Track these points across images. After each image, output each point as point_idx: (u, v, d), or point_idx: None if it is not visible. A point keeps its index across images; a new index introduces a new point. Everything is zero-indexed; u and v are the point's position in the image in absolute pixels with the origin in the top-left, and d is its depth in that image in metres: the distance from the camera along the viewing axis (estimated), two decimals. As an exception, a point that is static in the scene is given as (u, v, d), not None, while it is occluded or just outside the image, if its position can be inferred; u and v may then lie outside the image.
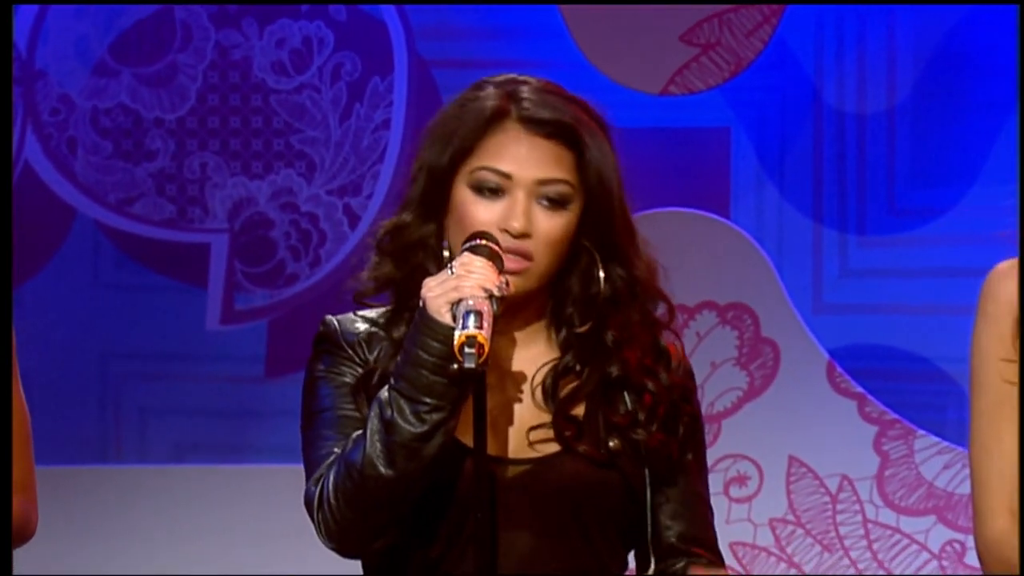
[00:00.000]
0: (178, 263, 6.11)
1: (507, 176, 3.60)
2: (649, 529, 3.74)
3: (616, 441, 3.65)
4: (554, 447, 3.62)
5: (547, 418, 3.64)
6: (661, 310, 3.69)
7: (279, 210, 6.07)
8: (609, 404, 3.66)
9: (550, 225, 3.59)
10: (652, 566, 3.71)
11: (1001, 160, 5.90)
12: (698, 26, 5.77)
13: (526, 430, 3.64)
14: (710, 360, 5.67)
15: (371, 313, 3.69)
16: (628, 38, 5.79)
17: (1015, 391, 3.73)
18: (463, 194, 3.60)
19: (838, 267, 5.90)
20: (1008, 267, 3.79)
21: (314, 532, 5.47)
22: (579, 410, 3.66)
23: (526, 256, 3.58)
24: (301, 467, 5.64)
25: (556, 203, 3.58)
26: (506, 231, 3.58)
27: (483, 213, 3.58)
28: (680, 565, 3.70)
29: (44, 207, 5.88)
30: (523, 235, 3.57)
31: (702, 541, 3.72)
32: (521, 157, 3.62)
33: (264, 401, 6.14)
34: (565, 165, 3.59)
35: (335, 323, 3.71)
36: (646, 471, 3.70)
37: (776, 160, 5.91)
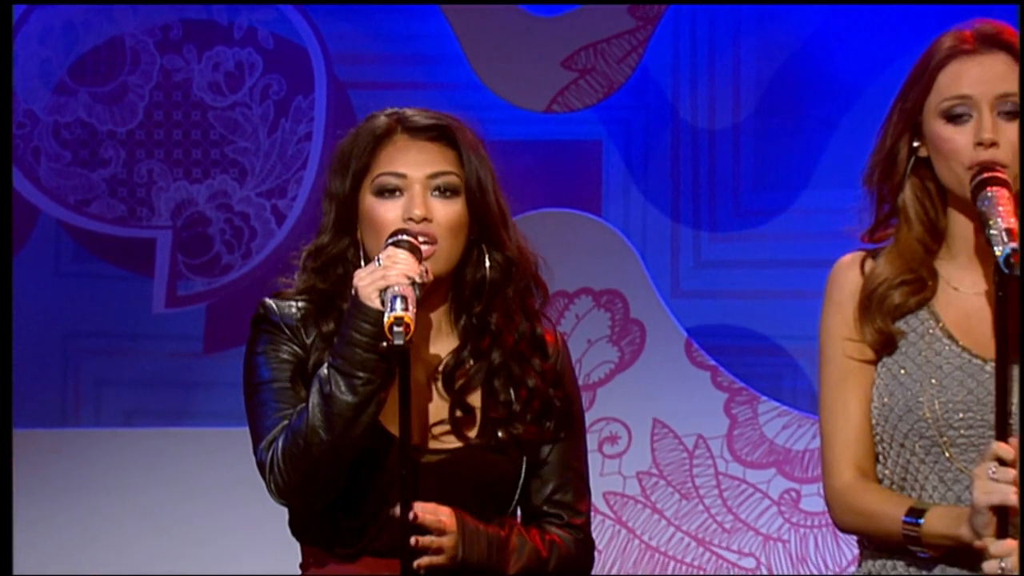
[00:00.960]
0: (128, 255, 6.13)
1: (403, 176, 3.73)
2: (517, 495, 3.81)
3: (502, 432, 3.71)
4: (456, 442, 3.71)
5: (447, 408, 3.73)
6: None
7: (216, 210, 6.10)
8: (491, 395, 3.73)
9: (447, 211, 3.73)
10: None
11: (827, 169, 6.02)
12: (576, 54, 5.81)
13: (432, 423, 3.71)
14: (587, 338, 5.71)
15: (296, 305, 3.78)
16: (517, 64, 5.85)
17: (857, 365, 3.83)
18: (369, 202, 3.81)
19: (692, 259, 5.95)
20: (850, 259, 3.88)
21: (244, 484, 5.49)
22: (475, 398, 3.72)
23: (431, 240, 3.66)
24: (234, 430, 5.62)
25: (448, 192, 3.75)
26: (410, 219, 3.66)
27: (389, 212, 3.77)
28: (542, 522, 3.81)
29: (17, 211, 5.86)
30: (424, 220, 3.67)
31: (567, 504, 3.80)
32: (411, 159, 3.72)
33: (202, 373, 6.15)
34: (449, 160, 3.78)
35: (273, 306, 3.77)
36: (522, 452, 3.76)
37: (640, 168, 5.95)
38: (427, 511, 3.55)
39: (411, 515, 3.52)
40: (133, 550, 5.84)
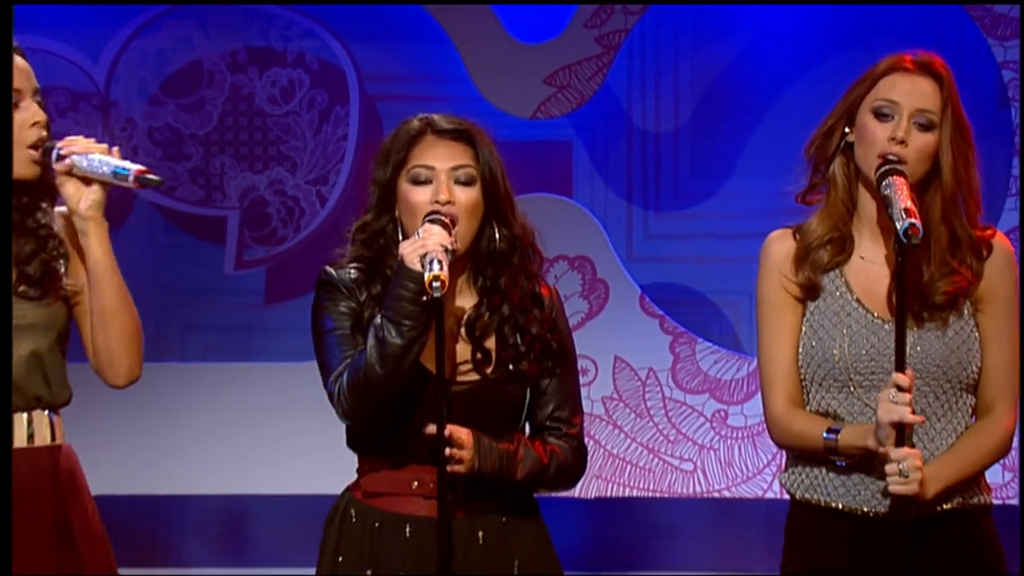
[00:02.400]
0: (206, 229, 6.12)
1: (431, 168, 3.71)
2: (524, 416, 3.78)
3: (512, 368, 3.66)
4: (476, 376, 3.70)
5: (466, 346, 3.71)
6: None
7: (273, 194, 6.07)
8: (503, 340, 3.71)
9: (466, 196, 3.70)
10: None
11: (746, 163, 5.94)
12: (555, 73, 5.82)
13: (458, 362, 3.69)
14: (564, 294, 5.51)
15: (352, 271, 3.77)
16: (508, 80, 5.81)
17: (787, 317, 3.82)
18: (405, 188, 3.80)
19: (643, 232, 5.95)
20: (780, 233, 3.87)
21: (296, 406, 5.44)
22: (490, 342, 3.70)
23: (454, 220, 3.61)
24: (288, 364, 5.59)
25: (467, 182, 3.69)
26: (437, 202, 3.64)
27: (420, 196, 3.74)
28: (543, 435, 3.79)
29: (117, 197, 5.82)
30: (448, 203, 3.64)
31: (564, 419, 3.79)
32: (438, 154, 3.70)
33: (262, 321, 6.11)
34: (468, 155, 3.74)
35: (332, 271, 3.76)
36: (527, 379, 3.74)
37: (602, 162, 5.95)
38: (453, 430, 3.58)
39: (447, 432, 3.54)
40: (208, 463, 5.83)
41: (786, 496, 4.52)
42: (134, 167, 3.70)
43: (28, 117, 3.74)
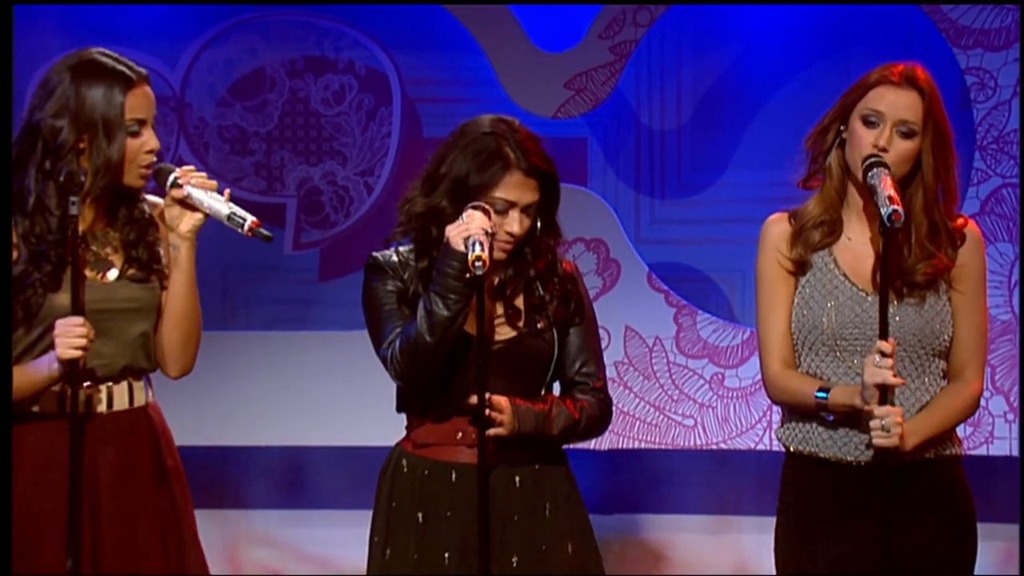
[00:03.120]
0: (267, 214, 6.05)
1: (512, 204, 3.65)
2: (552, 368, 3.79)
3: (541, 321, 3.73)
4: (510, 331, 3.71)
5: (503, 308, 3.73)
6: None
7: (326, 184, 6.06)
8: (530, 295, 3.73)
9: (525, 225, 3.66)
10: (557, 390, 3.80)
11: (740, 157, 5.87)
12: (573, 79, 5.80)
13: (494, 321, 3.69)
14: (581, 271, 5.65)
15: (395, 255, 3.78)
16: (533, 84, 5.81)
17: (781, 290, 3.84)
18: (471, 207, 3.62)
19: (649, 217, 5.91)
20: (776, 218, 3.92)
21: (346, 369, 5.43)
22: (519, 301, 3.73)
23: (513, 243, 3.67)
24: (339, 332, 5.59)
25: (528, 211, 3.66)
26: (508, 233, 3.64)
27: (491, 219, 3.62)
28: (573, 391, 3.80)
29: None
30: (509, 238, 3.65)
31: (591, 374, 3.80)
32: (518, 193, 3.66)
33: (316, 295, 6.07)
34: (537, 191, 3.69)
35: (379, 256, 3.79)
36: (555, 334, 3.74)
37: (614, 156, 5.91)
38: (492, 398, 3.57)
39: (487, 398, 3.56)
40: (271, 418, 5.81)
41: (775, 448, 4.52)
42: (250, 218, 3.80)
43: (146, 143, 3.72)
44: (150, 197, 3.86)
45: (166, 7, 5.95)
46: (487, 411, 3.56)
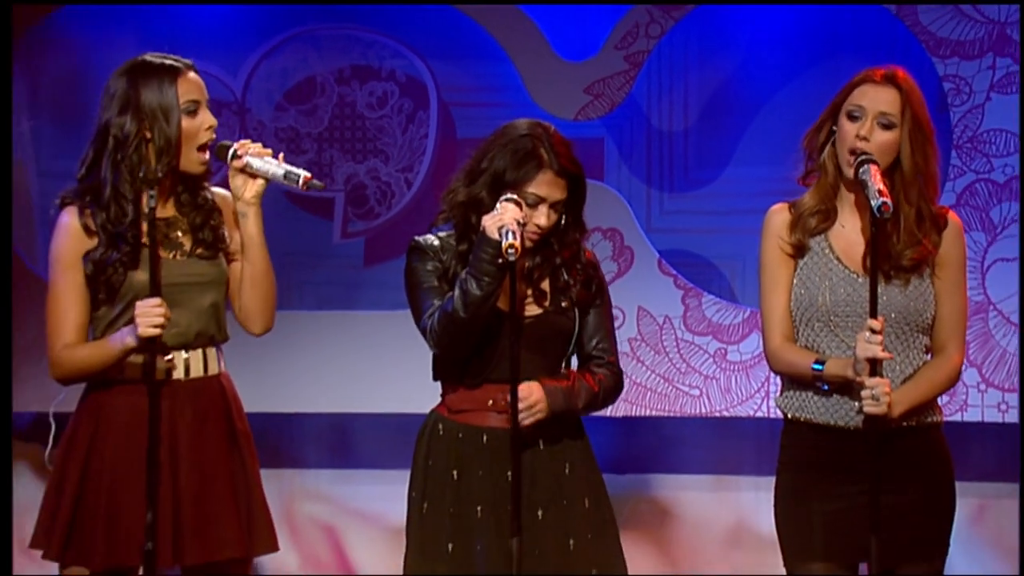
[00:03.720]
0: (318, 207, 6.12)
1: (543, 199, 3.68)
2: (573, 343, 3.82)
3: (565, 301, 3.78)
4: (537, 310, 3.73)
5: (530, 291, 3.76)
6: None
7: (370, 180, 6.06)
8: (555, 279, 3.76)
9: (552, 219, 3.70)
10: (576, 365, 3.83)
11: (741, 155, 5.82)
12: (592, 85, 5.77)
13: (524, 300, 3.71)
14: (598, 258, 5.64)
15: (434, 239, 3.80)
16: (555, 89, 5.79)
17: (782, 272, 3.84)
18: (504, 200, 3.64)
19: (659, 209, 5.89)
20: (777, 208, 3.93)
21: (388, 344, 5.40)
22: (546, 284, 3.76)
23: (540, 235, 3.70)
24: (381, 312, 5.58)
25: (556, 207, 3.68)
26: (537, 225, 3.67)
27: (523, 211, 3.65)
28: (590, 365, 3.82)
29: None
30: (536, 230, 3.69)
31: (606, 349, 3.83)
32: (548, 190, 3.70)
33: (362, 278, 6.04)
34: (566, 190, 3.73)
35: (421, 240, 3.82)
36: (576, 313, 3.76)
37: (628, 154, 5.87)
38: (523, 390, 3.59)
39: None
40: (321, 388, 5.81)
41: (772, 415, 4.47)
42: (303, 173, 3.83)
43: (203, 122, 3.78)
44: (216, 189, 3.90)
45: (230, 24, 5.98)
46: (523, 406, 3.60)
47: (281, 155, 3.84)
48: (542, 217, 3.65)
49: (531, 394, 3.61)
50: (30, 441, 6.08)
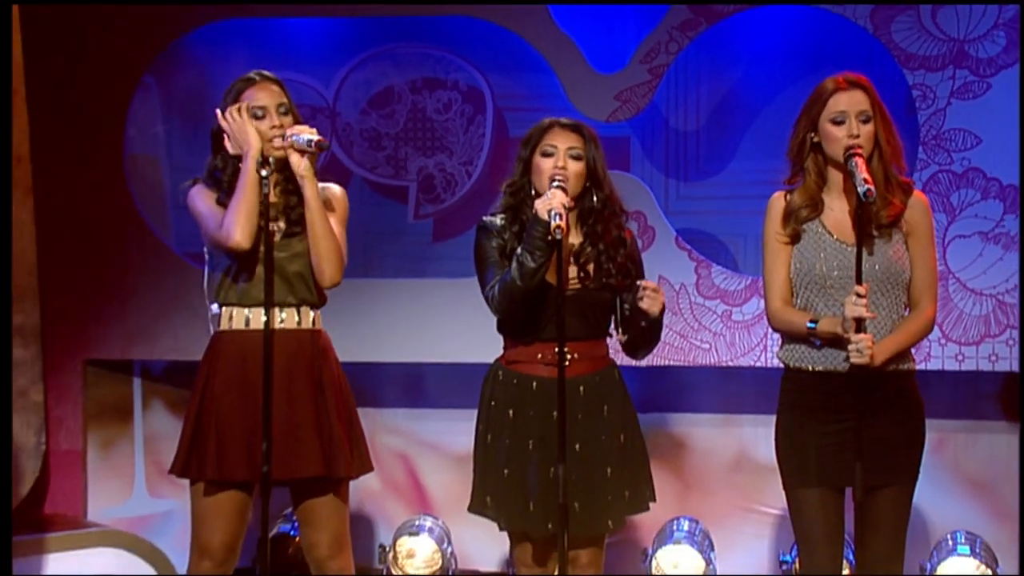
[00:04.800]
0: (394, 194, 6.16)
1: (555, 147, 3.73)
2: (617, 314, 3.83)
3: (604, 280, 3.77)
4: (579, 285, 3.75)
5: (574, 269, 3.74)
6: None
7: (437, 171, 6.09)
8: (598, 263, 3.76)
9: (575, 167, 3.72)
10: (618, 332, 3.83)
11: (743, 151, 5.77)
12: (621, 92, 5.73)
13: (569, 277, 3.71)
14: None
15: (498, 220, 3.81)
16: (590, 97, 5.76)
17: (782, 248, 3.80)
18: (537, 159, 3.76)
19: (676, 194, 5.88)
20: (779, 195, 3.94)
21: (454, 309, 5.39)
22: (591, 266, 3.75)
23: (565, 180, 3.66)
24: (447, 279, 5.61)
25: (576, 158, 3.72)
26: (556, 167, 3.68)
27: (547, 164, 3.76)
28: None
29: (341, 174, 5.84)
30: (563, 168, 3.68)
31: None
32: (560, 139, 3.74)
33: (431, 252, 6.05)
34: (578, 141, 3.76)
35: (487, 221, 3.84)
36: (614, 290, 3.80)
37: (650, 150, 5.86)
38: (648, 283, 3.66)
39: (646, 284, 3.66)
40: (398, 341, 5.78)
41: (770, 365, 4.43)
42: (314, 139, 3.73)
43: (272, 123, 3.80)
44: (322, 184, 3.90)
45: (324, 43, 6.01)
46: (650, 291, 3.64)
47: (315, 129, 3.80)
48: (560, 160, 3.66)
49: (659, 293, 3.66)
50: (161, 383, 6.15)
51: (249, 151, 3.68)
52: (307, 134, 3.74)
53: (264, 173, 3.63)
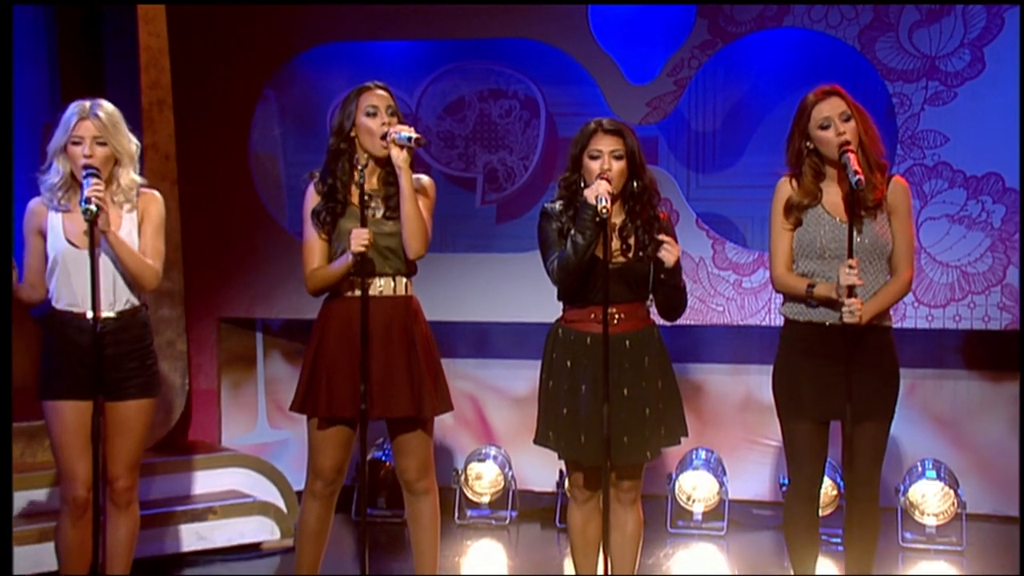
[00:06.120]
0: (463, 184, 6.15)
1: (600, 151, 3.62)
2: (651, 280, 3.73)
3: (643, 253, 3.69)
4: (622, 258, 3.66)
5: (619, 243, 3.67)
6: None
7: (500, 165, 6.12)
8: (638, 239, 3.68)
9: (618, 166, 3.62)
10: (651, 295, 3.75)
11: (753, 147, 5.77)
12: (651, 100, 5.75)
13: (613, 250, 3.64)
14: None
15: (557, 206, 3.72)
16: (626, 103, 5.77)
17: (785, 225, 3.74)
18: (586, 160, 3.69)
19: (696, 184, 5.90)
20: (784, 180, 3.82)
21: (518, 279, 5.36)
22: (631, 240, 3.67)
23: (609, 180, 3.57)
24: (512, 255, 5.61)
25: (618, 157, 3.62)
26: (604, 168, 3.60)
27: (594, 165, 3.67)
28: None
29: (421, 168, 5.84)
30: (608, 170, 3.60)
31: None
32: (604, 143, 3.64)
33: (494, 231, 6.06)
34: (620, 143, 3.65)
35: (548, 207, 3.74)
36: (651, 264, 3.70)
37: (675, 147, 5.88)
38: (667, 239, 3.62)
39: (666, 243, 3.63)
40: (470, 303, 5.80)
41: (773, 324, 4.43)
42: (413, 136, 3.70)
43: (379, 121, 3.77)
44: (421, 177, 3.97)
45: (409, 62, 6.05)
46: (667, 244, 3.61)
47: (413, 128, 3.74)
48: (605, 162, 3.60)
49: (675, 247, 3.62)
50: (278, 337, 6.23)
51: (349, 254, 3.68)
52: (407, 132, 3.69)
53: (360, 167, 3.69)
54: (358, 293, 3.70)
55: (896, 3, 5.33)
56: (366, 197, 3.71)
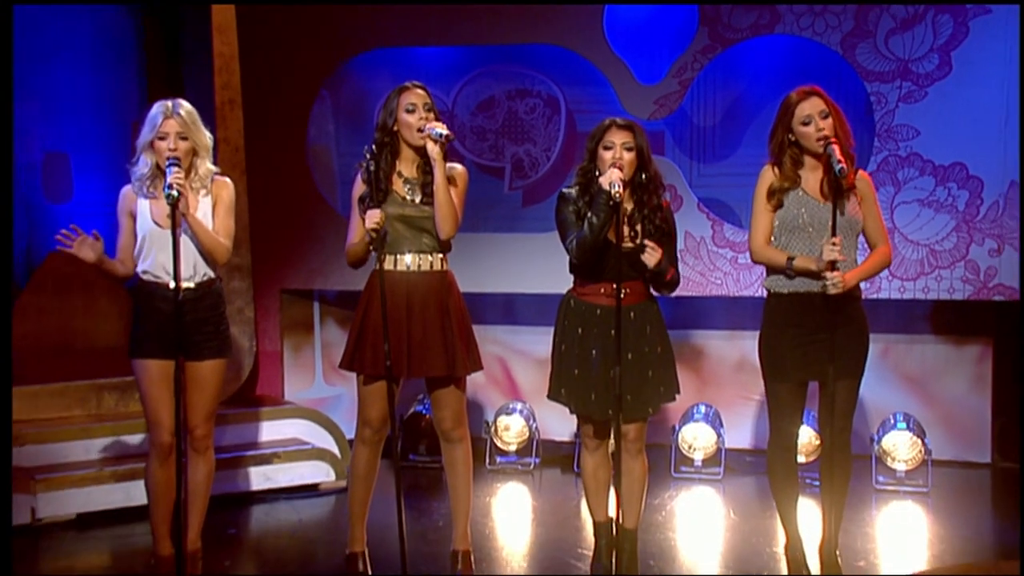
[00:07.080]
0: (492, 172, 6.17)
1: (613, 143, 3.60)
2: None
3: (648, 239, 3.65)
4: (631, 243, 3.63)
5: (627, 230, 3.64)
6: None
7: (525, 156, 6.14)
8: (645, 224, 3.66)
9: (629, 157, 3.59)
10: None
11: (747, 140, 5.76)
12: (658, 99, 5.74)
13: (625, 234, 3.61)
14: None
15: (574, 191, 3.69)
16: (636, 101, 5.77)
17: (767, 206, 3.69)
18: (601, 151, 3.65)
19: (698, 173, 5.89)
20: (769, 167, 3.72)
21: (539, 257, 5.35)
22: (639, 226, 3.65)
23: (621, 168, 3.55)
24: (535, 235, 5.62)
25: (629, 149, 3.59)
26: (616, 158, 3.57)
27: (607, 155, 3.63)
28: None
29: (456, 158, 5.84)
30: (620, 159, 3.57)
31: (672, 262, 3.72)
32: (617, 136, 3.61)
33: (519, 213, 6.06)
34: (631, 137, 3.62)
35: (566, 192, 3.71)
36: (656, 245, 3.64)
37: (679, 139, 5.87)
38: (649, 242, 3.56)
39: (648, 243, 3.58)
40: (496, 275, 5.82)
41: (761, 295, 4.44)
42: (444, 132, 3.62)
43: (417, 117, 3.72)
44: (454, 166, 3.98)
45: (446, 65, 6.06)
46: (650, 248, 3.56)
47: (444, 125, 3.67)
48: (617, 153, 3.57)
49: (657, 250, 3.57)
50: (332, 306, 6.29)
51: (366, 229, 3.61)
52: (440, 128, 3.66)
53: (373, 165, 3.62)
54: (399, 268, 3.70)
55: (876, 2, 5.30)
56: (406, 186, 3.69)
